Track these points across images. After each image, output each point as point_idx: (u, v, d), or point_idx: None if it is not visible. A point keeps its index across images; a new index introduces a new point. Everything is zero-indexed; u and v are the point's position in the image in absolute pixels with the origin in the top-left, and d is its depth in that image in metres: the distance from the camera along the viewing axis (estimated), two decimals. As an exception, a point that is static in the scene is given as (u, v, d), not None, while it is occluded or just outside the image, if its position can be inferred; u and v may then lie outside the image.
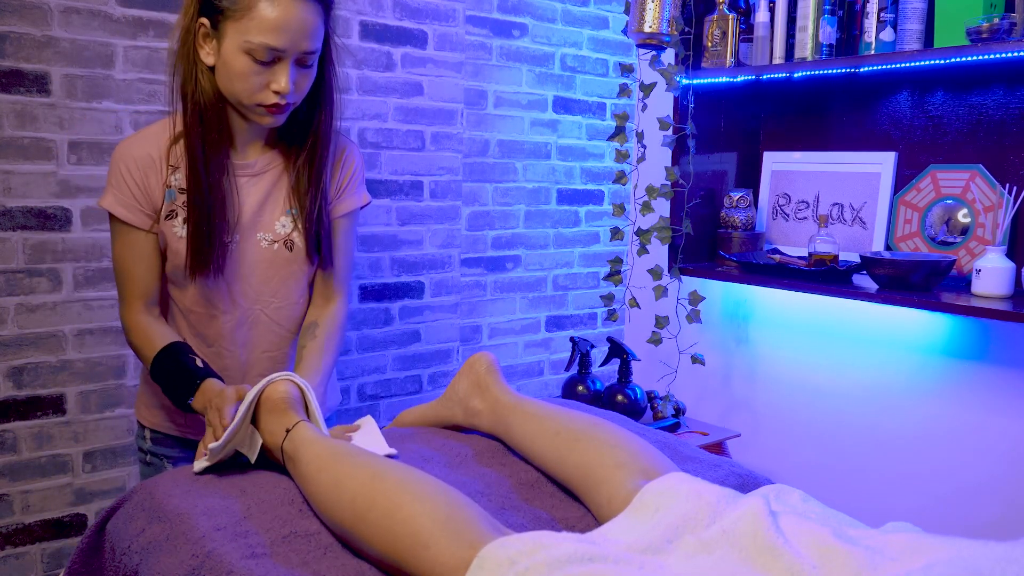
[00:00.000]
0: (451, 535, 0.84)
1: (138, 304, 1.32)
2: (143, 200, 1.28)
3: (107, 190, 1.29)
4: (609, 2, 2.65)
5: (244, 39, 1.17)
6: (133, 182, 1.28)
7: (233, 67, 1.20)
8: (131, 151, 1.28)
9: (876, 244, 2.01)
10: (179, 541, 0.94)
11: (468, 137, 2.39)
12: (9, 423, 1.77)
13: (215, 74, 1.23)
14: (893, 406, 2.04)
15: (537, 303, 2.63)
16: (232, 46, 1.19)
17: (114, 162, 1.29)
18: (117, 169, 1.28)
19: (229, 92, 1.24)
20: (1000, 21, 1.60)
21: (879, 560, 0.76)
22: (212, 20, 1.19)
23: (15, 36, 1.70)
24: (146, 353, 1.30)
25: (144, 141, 1.29)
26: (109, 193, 1.29)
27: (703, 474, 1.13)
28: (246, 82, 1.20)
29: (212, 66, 1.23)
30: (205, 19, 1.20)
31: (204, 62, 1.22)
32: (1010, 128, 1.82)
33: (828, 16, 1.91)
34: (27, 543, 1.81)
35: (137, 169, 1.28)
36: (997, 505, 1.86)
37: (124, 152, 1.28)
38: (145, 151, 1.28)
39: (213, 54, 1.22)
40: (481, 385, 1.26)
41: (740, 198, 2.20)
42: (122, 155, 1.28)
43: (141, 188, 1.28)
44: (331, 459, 1.01)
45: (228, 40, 1.19)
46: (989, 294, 1.69)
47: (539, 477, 1.14)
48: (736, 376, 2.41)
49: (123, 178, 1.28)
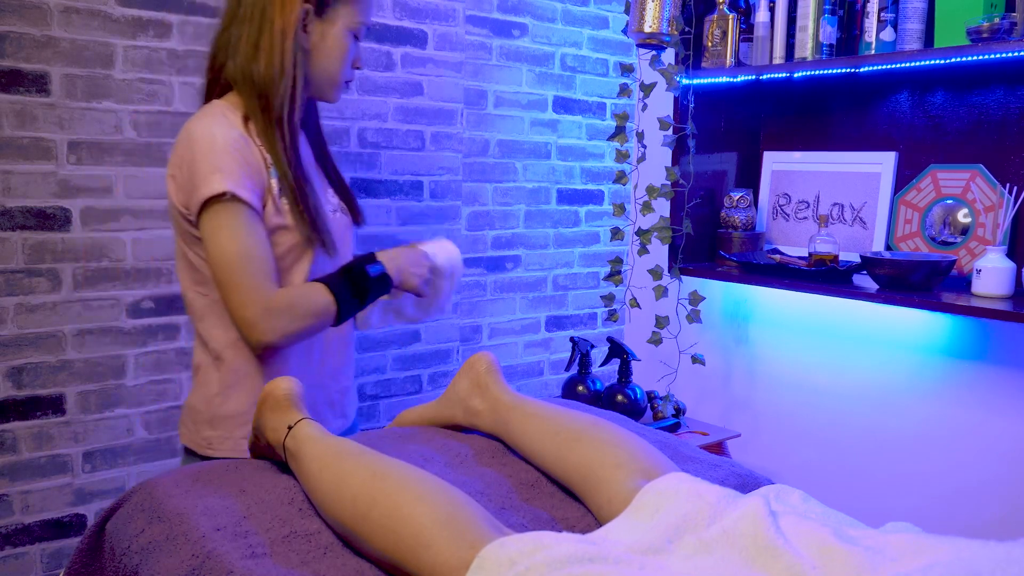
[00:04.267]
0: (452, 535, 0.84)
1: (272, 287, 1.23)
2: (256, 179, 1.23)
3: (216, 176, 1.19)
4: (609, 2, 2.65)
5: (355, 19, 1.31)
6: (244, 161, 1.22)
7: (337, 47, 1.31)
8: (224, 132, 1.22)
9: (876, 244, 2.01)
10: (179, 541, 0.94)
11: (468, 137, 2.39)
12: (9, 423, 1.77)
13: (310, 57, 1.30)
14: (893, 406, 2.04)
15: (537, 303, 2.63)
16: (342, 28, 1.30)
17: (218, 149, 1.20)
18: (227, 153, 1.20)
19: (326, 72, 1.32)
20: (1000, 21, 1.60)
21: (879, 560, 0.76)
22: (319, 6, 1.28)
23: (15, 36, 1.70)
24: (316, 298, 1.25)
25: (222, 123, 1.23)
26: (226, 178, 1.19)
27: (703, 474, 1.13)
28: (345, 61, 1.33)
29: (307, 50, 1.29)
30: (310, 7, 1.27)
31: (303, 47, 1.28)
32: (1010, 128, 1.82)
33: (828, 16, 1.91)
34: (27, 543, 1.81)
35: (238, 150, 1.22)
36: (997, 505, 1.86)
37: (226, 137, 1.21)
38: (235, 131, 1.23)
39: (315, 38, 1.29)
40: (481, 385, 1.26)
41: (740, 198, 2.20)
42: (225, 139, 1.21)
43: (252, 167, 1.23)
44: (333, 457, 1.01)
45: (339, 23, 1.30)
46: (989, 294, 1.69)
47: (539, 477, 1.14)
48: (736, 376, 2.41)
49: (232, 159, 1.20)
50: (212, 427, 1.33)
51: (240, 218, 1.20)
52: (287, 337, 1.24)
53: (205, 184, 1.19)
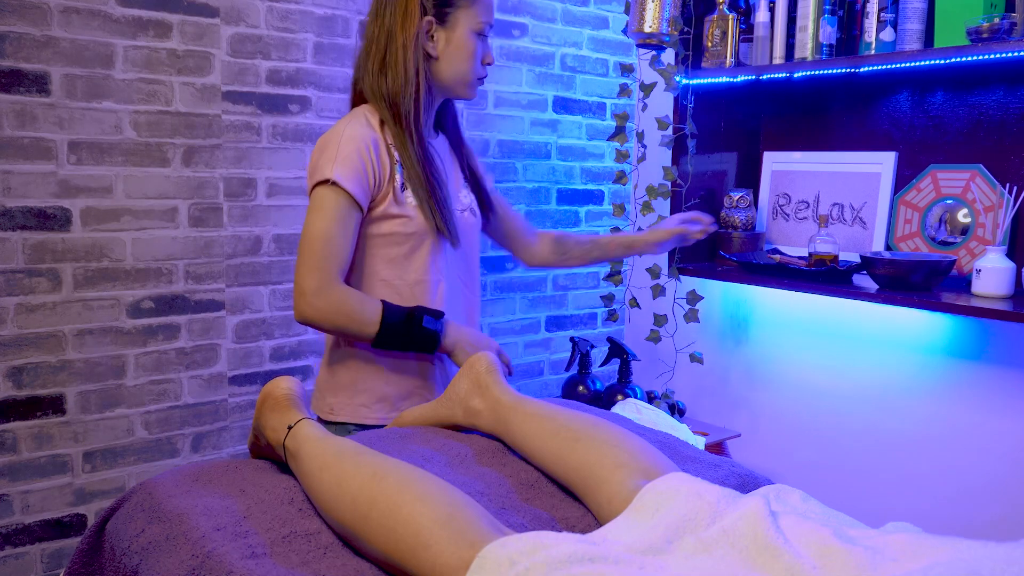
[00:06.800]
0: (452, 535, 0.84)
1: (338, 275, 1.36)
2: (372, 178, 1.38)
3: (331, 165, 1.34)
4: (609, 2, 2.65)
5: (477, 20, 1.42)
6: (369, 160, 1.37)
7: (465, 50, 1.42)
8: (360, 133, 1.38)
9: (876, 244, 2.01)
10: (179, 541, 0.94)
11: (469, 137, 2.39)
12: (9, 423, 1.77)
13: (438, 63, 1.42)
14: (893, 406, 2.04)
15: (537, 303, 2.63)
16: (465, 31, 1.41)
17: (345, 142, 1.36)
18: (351, 148, 1.35)
19: (456, 74, 1.43)
20: (1000, 21, 1.60)
21: (879, 560, 0.76)
22: (440, 16, 1.40)
23: (15, 36, 1.70)
24: (368, 308, 1.36)
25: (361, 124, 1.40)
26: (337, 168, 1.34)
27: (703, 474, 1.13)
28: (474, 60, 1.44)
29: (434, 57, 1.41)
30: (431, 17, 1.39)
31: (430, 55, 1.41)
32: (1010, 128, 1.82)
33: (828, 16, 1.91)
34: (27, 543, 1.81)
35: (364, 149, 1.37)
36: (997, 505, 1.86)
37: (355, 134, 1.37)
38: (369, 132, 1.39)
39: (441, 45, 1.41)
40: (481, 385, 1.26)
41: (740, 198, 2.20)
42: (353, 136, 1.37)
43: (374, 166, 1.37)
44: (333, 457, 1.01)
45: (461, 27, 1.41)
46: (989, 294, 1.69)
47: (539, 477, 1.14)
48: (736, 376, 2.41)
49: (358, 156, 1.36)
50: (333, 394, 1.49)
51: (335, 205, 1.35)
52: (325, 323, 1.36)
53: (319, 170, 1.36)
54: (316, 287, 1.34)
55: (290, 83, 2.05)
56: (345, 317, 1.35)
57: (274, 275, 2.09)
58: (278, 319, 2.10)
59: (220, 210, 1.99)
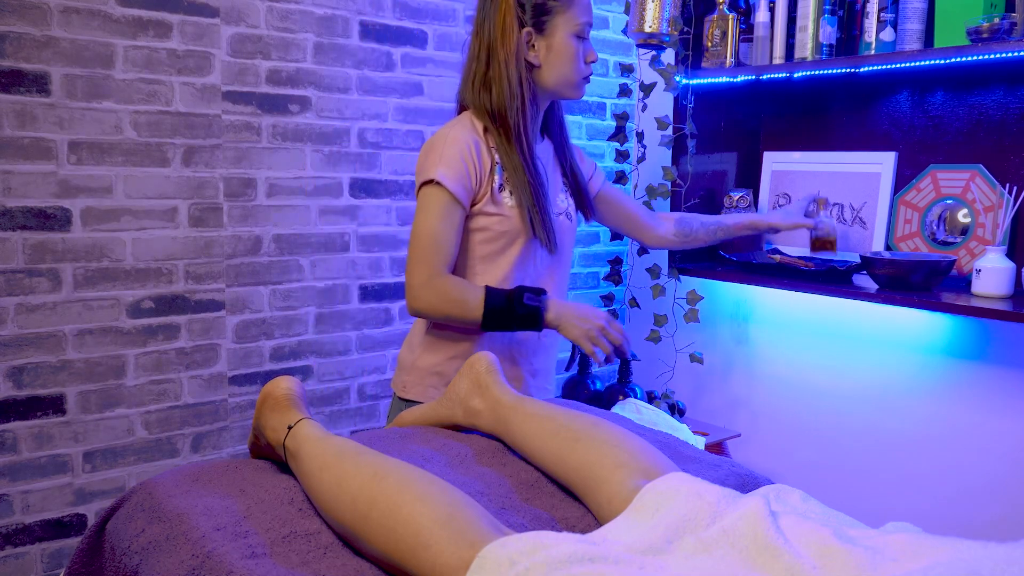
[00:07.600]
0: (452, 535, 0.84)
1: (443, 268, 1.44)
2: (474, 179, 1.44)
3: (435, 166, 1.42)
4: (609, 2, 2.65)
5: (575, 23, 1.46)
6: (471, 161, 1.44)
7: (566, 53, 1.46)
8: (464, 136, 1.44)
9: (876, 244, 2.01)
10: (179, 541, 0.94)
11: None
12: (9, 423, 1.77)
13: (540, 70, 1.47)
14: (893, 406, 2.04)
15: (537, 303, 2.63)
16: (563, 36, 1.46)
17: (448, 144, 1.43)
18: (454, 150, 1.42)
19: (561, 77, 1.48)
20: (1000, 21, 1.60)
21: (879, 560, 0.76)
22: (537, 25, 1.45)
23: (15, 36, 1.70)
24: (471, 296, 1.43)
25: (465, 128, 1.47)
26: (440, 169, 1.41)
27: (703, 474, 1.13)
28: (577, 62, 1.48)
29: (537, 66, 1.46)
30: (529, 28, 1.45)
31: (532, 64, 1.46)
32: (1010, 128, 1.82)
33: (828, 16, 1.91)
34: (27, 543, 1.81)
35: (467, 151, 1.43)
36: (997, 505, 1.86)
37: (458, 137, 1.44)
38: (472, 136, 1.46)
39: (542, 53, 1.46)
40: (481, 385, 1.27)
41: (740, 198, 2.20)
42: (456, 139, 1.44)
43: (475, 167, 1.44)
44: (333, 457, 1.01)
45: (559, 32, 1.46)
46: (989, 294, 1.69)
47: (539, 477, 1.14)
48: (736, 376, 2.41)
49: (460, 157, 1.42)
50: (408, 373, 1.58)
51: (440, 204, 1.43)
52: (433, 313, 1.45)
53: (425, 171, 1.44)
54: (423, 280, 1.42)
55: (290, 83, 2.05)
56: (451, 305, 1.42)
57: (274, 275, 2.09)
58: (278, 319, 2.10)
59: (220, 210, 1.99)
